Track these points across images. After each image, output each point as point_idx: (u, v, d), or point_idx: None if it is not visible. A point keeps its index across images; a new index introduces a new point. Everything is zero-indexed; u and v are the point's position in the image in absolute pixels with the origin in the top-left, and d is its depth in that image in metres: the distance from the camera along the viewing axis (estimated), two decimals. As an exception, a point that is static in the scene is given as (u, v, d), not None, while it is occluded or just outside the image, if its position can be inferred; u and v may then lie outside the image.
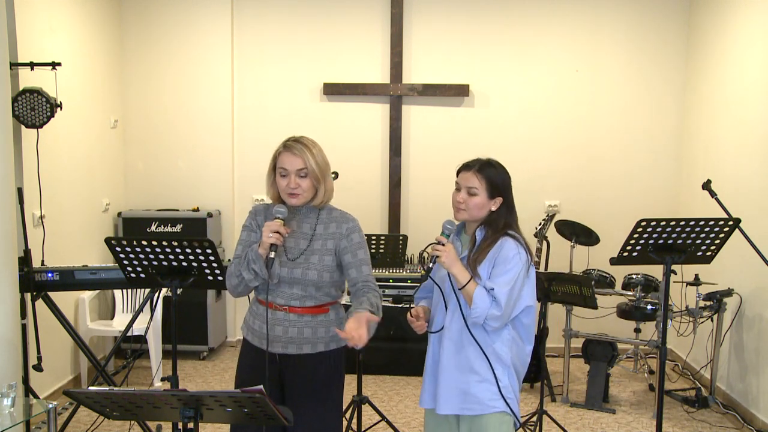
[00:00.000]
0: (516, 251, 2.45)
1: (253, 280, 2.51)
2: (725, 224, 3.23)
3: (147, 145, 5.82)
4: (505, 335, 2.50)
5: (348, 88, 5.79)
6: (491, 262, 2.45)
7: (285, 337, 2.55)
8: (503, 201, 2.51)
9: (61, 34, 4.76)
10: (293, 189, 2.52)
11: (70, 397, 1.94)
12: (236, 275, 2.55)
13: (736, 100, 4.86)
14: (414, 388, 4.98)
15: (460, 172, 2.56)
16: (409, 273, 5.40)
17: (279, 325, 2.55)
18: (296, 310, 2.55)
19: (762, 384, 4.31)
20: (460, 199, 2.51)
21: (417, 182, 5.87)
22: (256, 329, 2.61)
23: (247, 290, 2.60)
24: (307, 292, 2.56)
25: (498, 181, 2.50)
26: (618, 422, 4.43)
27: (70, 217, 4.86)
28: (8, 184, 3.34)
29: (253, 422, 2.02)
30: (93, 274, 3.85)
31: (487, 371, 2.47)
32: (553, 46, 5.76)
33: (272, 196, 2.63)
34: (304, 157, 2.51)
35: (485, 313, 2.39)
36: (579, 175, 5.80)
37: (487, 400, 2.46)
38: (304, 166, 2.51)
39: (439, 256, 2.42)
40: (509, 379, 2.50)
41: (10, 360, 3.33)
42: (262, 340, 2.56)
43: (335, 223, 2.61)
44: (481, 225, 2.52)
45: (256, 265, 2.48)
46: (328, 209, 2.65)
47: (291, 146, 2.55)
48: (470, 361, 2.48)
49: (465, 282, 2.41)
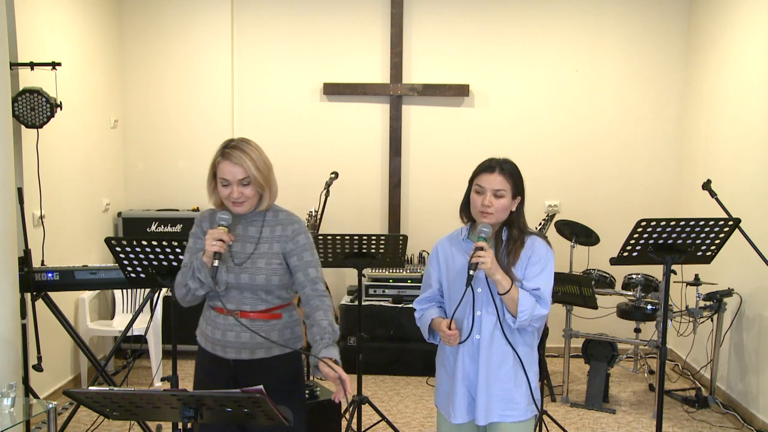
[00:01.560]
0: (547, 248, 2.46)
1: (199, 288, 2.46)
2: (725, 224, 3.23)
3: (147, 145, 5.82)
4: (535, 335, 2.50)
5: (348, 88, 5.79)
6: (524, 262, 2.42)
7: (238, 342, 2.50)
8: (521, 200, 2.50)
9: (61, 34, 4.76)
10: (237, 199, 2.44)
11: (70, 397, 1.94)
12: (183, 285, 2.50)
13: (736, 100, 4.86)
14: (414, 388, 4.98)
15: (481, 174, 2.46)
16: (409, 273, 5.40)
17: (231, 331, 2.49)
18: (248, 314, 2.50)
19: (762, 384, 4.31)
20: (487, 203, 2.41)
21: (417, 182, 5.88)
22: (209, 335, 2.56)
23: (196, 299, 2.54)
24: (257, 296, 2.50)
25: (519, 180, 2.48)
26: (618, 422, 4.43)
27: (70, 217, 4.86)
28: (8, 184, 3.35)
29: (253, 422, 2.02)
30: (93, 274, 3.85)
31: (522, 375, 2.45)
32: (553, 46, 5.76)
33: (215, 203, 2.57)
34: (244, 165, 2.42)
35: (531, 315, 2.36)
36: (579, 175, 5.80)
37: (526, 405, 2.46)
38: (246, 175, 2.42)
39: (484, 263, 2.32)
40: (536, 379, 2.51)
41: (10, 360, 3.33)
42: (215, 346, 2.53)
43: (281, 226, 2.54)
44: (503, 226, 2.49)
45: (200, 274, 2.43)
46: (273, 211, 2.57)
47: (229, 155, 2.43)
48: (507, 367, 2.44)
49: (509, 287, 2.35)
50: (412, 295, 5.31)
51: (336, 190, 4.52)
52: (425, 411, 4.53)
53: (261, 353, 2.53)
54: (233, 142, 2.50)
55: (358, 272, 3.81)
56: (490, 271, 2.34)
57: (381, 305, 5.23)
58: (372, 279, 5.40)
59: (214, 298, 2.54)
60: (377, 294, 5.35)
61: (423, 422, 4.36)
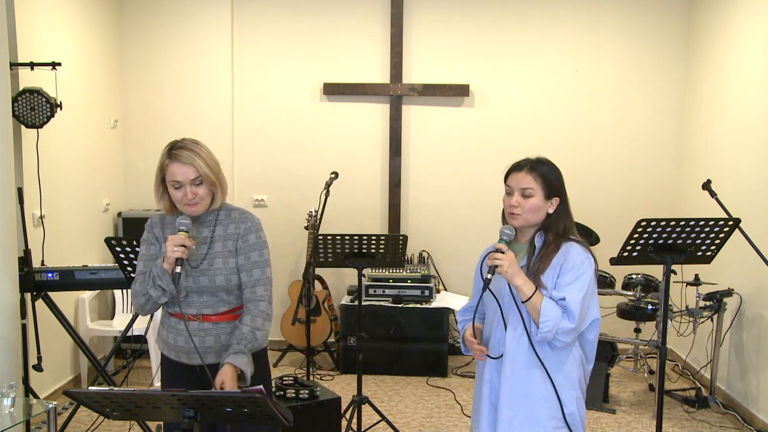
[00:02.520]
0: (584, 256, 2.24)
1: (161, 296, 2.39)
2: (725, 224, 3.23)
3: (147, 145, 5.81)
4: (575, 353, 2.28)
5: (348, 88, 5.79)
6: (556, 270, 2.22)
7: (202, 347, 2.45)
8: (560, 201, 2.30)
9: (61, 34, 4.76)
10: (191, 200, 2.39)
11: (70, 397, 1.94)
12: (142, 294, 2.42)
13: (736, 100, 4.86)
14: (414, 388, 4.98)
15: (510, 174, 2.32)
16: (409, 273, 5.40)
17: (195, 336, 2.44)
18: (210, 318, 2.46)
19: (762, 384, 4.31)
20: (514, 203, 2.26)
21: (417, 182, 5.87)
22: (171, 342, 2.51)
23: (156, 307, 2.47)
24: (218, 297, 2.46)
25: (553, 179, 2.29)
26: (618, 422, 4.43)
27: (70, 217, 4.86)
28: (8, 184, 3.35)
29: (253, 422, 2.02)
30: (93, 274, 3.85)
31: (553, 396, 2.23)
32: (553, 46, 5.75)
33: (165, 208, 2.50)
34: (195, 164, 2.37)
35: (556, 327, 2.15)
36: (579, 174, 5.79)
37: (552, 428, 2.25)
38: (197, 175, 2.37)
39: (500, 266, 2.16)
40: (577, 404, 2.28)
41: (10, 360, 3.33)
42: (179, 353, 2.49)
43: (234, 224, 2.49)
44: (539, 230, 2.29)
45: (162, 281, 2.36)
46: (226, 210, 2.52)
47: (178, 155, 2.38)
48: (533, 385, 2.25)
49: (531, 293, 2.16)
50: (412, 295, 5.31)
51: (336, 190, 4.51)
52: (425, 411, 4.53)
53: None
54: (179, 143, 2.44)
55: (358, 272, 3.81)
56: (507, 274, 2.17)
57: (381, 305, 5.23)
58: (372, 279, 5.40)
59: (173, 305, 2.48)
60: (377, 294, 5.34)
61: (423, 422, 4.36)
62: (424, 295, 5.30)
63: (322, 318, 5.42)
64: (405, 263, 5.04)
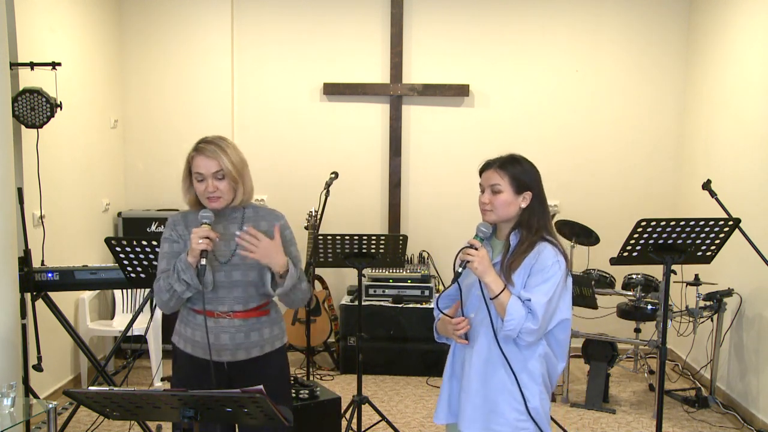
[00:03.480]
0: (555, 259, 2.26)
1: (185, 291, 2.41)
2: (725, 224, 3.23)
3: (147, 145, 5.82)
4: (540, 351, 2.29)
5: (348, 88, 5.79)
6: (527, 270, 2.26)
7: (233, 344, 2.47)
8: (533, 196, 2.33)
9: (61, 34, 4.76)
10: (212, 193, 2.44)
11: (70, 397, 1.94)
12: (166, 290, 2.43)
13: (736, 100, 4.86)
14: (414, 388, 4.98)
15: (482, 172, 2.38)
16: (409, 273, 5.40)
17: (225, 333, 2.46)
18: (240, 314, 2.48)
19: (762, 384, 4.31)
20: (485, 200, 2.33)
21: (417, 182, 5.87)
22: (199, 340, 2.48)
23: (180, 303, 2.50)
24: (248, 293, 2.49)
25: (522, 174, 2.33)
26: (618, 422, 4.43)
27: (70, 217, 4.86)
28: (8, 184, 3.35)
29: (253, 422, 2.02)
30: (93, 274, 3.85)
31: (516, 391, 2.26)
32: (554, 46, 5.76)
33: (189, 202, 2.56)
34: (218, 159, 2.42)
35: (519, 326, 2.19)
36: (579, 174, 5.80)
37: (515, 421, 2.26)
38: (219, 168, 2.43)
39: (471, 262, 2.20)
40: (540, 399, 2.29)
41: (10, 360, 3.33)
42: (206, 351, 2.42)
43: (266, 221, 2.53)
44: (515, 228, 2.33)
45: (186, 275, 2.38)
46: (252, 208, 2.57)
47: (203, 149, 2.45)
48: (497, 378, 2.28)
49: (498, 291, 2.20)
50: (412, 295, 5.31)
51: (336, 190, 4.51)
52: (425, 411, 4.53)
53: (256, 352, 2.53)
54: (208, 138, 2.51)
55: (358, 272, 3.81)
56: (477, 271, 2.21)
57: (381, 305, 5.23)
58: (372, 279, 5.40)
59: (197, 302, 2.48)
60: (377, 294, 5.34)
61: (423, 422, 4.36)
62: (424, 295, 5.31)
63: (322, 318, 5.43)
64: (405, 263, 5.04)
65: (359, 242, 3.68)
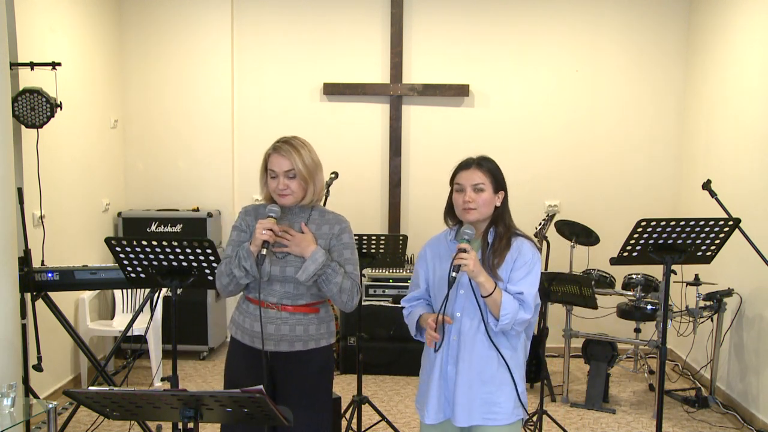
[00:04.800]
0: (533, 251, 2.41)
1: (243, 277, 2.54)
2: (725, 224, 3.23)
3: (147, 145, 5.82)
4: (523, 336, 2.45)
5: (348, 88, 5.79)
6: (510, 265, 2.38)
7: (277, 334, 2.59)
8: (505, 194, 2.46)
9: (61, 34, 4.76)
10: (282, 190, 2.57)
11: (70, 397, 1.94)
12: (227, 274, 2.58)
13: (736, 101, 4.86)
14: (414, 388, 4.96)
15: (459, 172, 2.47)
16: (409, 273, 5.40)
17: (271, 323, 2.59)
18: (288, 308, 2.59)
19: (762, 384, 4.31)
20: (468, 199, 2.40)
21: (417, 182, 5.87)
22: (247, 327, 2.63)
23: (238, 289, 2.63)
24: (298, 290, 2.59)
25: (498, 173, 2.45)
26: (618, 422, 4.43)
27: (70, 217, 4.86)
28: (8, 184, 3.35)
29: (253, 422, 2.02)
30: (93, 274, 3.85)
31: (508, 378, 2.40)
32: (554, 46, 5.76)
33: (265, 197, 2.68)
34: (291, 158, 2.55)
35: (514, 319, 2.31)
36: (579, 175, 5.80)
37: (511, 408, 2.40)
38: (291, 168, 2.55)
39: (466, 265, 2.28)
40: (524, 381, 2.46)
41: (10, 360, 3.33)
42: (254, 338, 2.60)
43: (328, 225, 2.66)
44: (490, 225, 2.44)
45: (247, 263, 2.51)
46: (320, 211, 2.69)
47: (279, 147, 2.58)
48: (491, 370, 2.39)
49: (492, 290, 2.30)
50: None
51: (336, 190, 4.50)
52: (425, 411, 4.53)
53: (299, 346, 2.61)
54: (285, 138, 2.63)
55: (358, 272, 3.81)
56: (472, 273, 2.29)
57: (381, 305, 5.23)
58: (372, 279, 5.40)
59: (253, 291, 2.61)
60: (377, 294, 5.35)
61: (423, 422, 4.35)
62: (424, 295, 5.30)
63: (322, 318, 5.42)
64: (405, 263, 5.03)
65: (359, 242, 3.68)
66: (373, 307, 5.21)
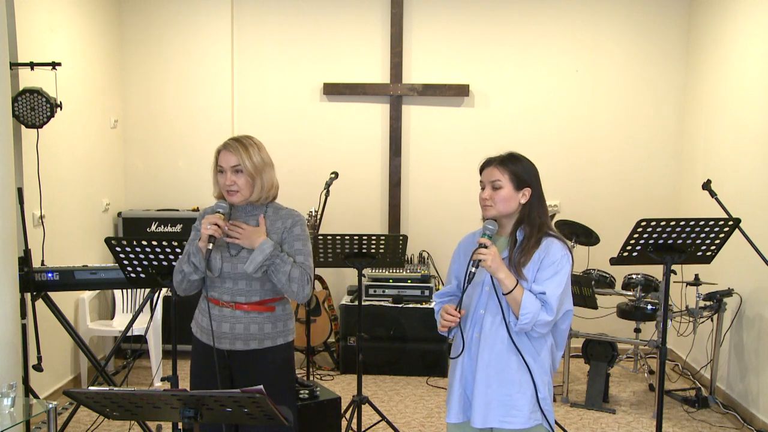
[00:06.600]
0: (564, 252, 2.35)
1: (193, 273, 2.57)
2: (725, 224, 3.23)
3: (147, 145, 5.82)
4: (549, 342, 2.40)
5: (348, 88, 5.79)
6: (537, 264, 2.33)
7: (232, 333, 2.61)
8: (532, 192, 2.40)
9: (61, 34, 4.76)
10: (229, 186, 2.59)
11: (70, 397, 1.94)
12: (179, 271, 2.62)
13: (735, 101, 4.86)
14: (414, 388, 4.98)
15: (482, 170, 2.46)
16: (409, 273, 5.40)
17: (226, 322, 2.61)
18: (242, 306, 2.61)
19: (762, 384, 4.31)
20: (485, 196, 2.39)
21: (417, 182, 5.87)
22: (205, 326, 2.66)
23: (191, 286, 2.64)
24: (251, 287, 2.61)
25: (521, 171, 2.40)
26: (618, 422, 4.43)
27: (70, 217, 4.86)
28: (8, 184, 3.34)
29: (253, 422, 2.02)
30: (93, 274, 3.85)
31: (528, 382, 2.34)
32: (553, 46, 5.76)
33: (217, 195, 2.72)
34: (237, 154, 2.59)
35: (534, 319, 2.26)
36: (579, 174, 5.80)
37: (529, 413, 2.35)
38: (237, 163, 2.58)
39: (485, 260, 2.25)
40: (549, 389, 2.40)
41: (10, 360, 3.33)
42: (210, 337, 2.62)
43: (281, 220, 2.67)
44: (519, 224, 2.40)
45: (195, 258, 2.54)
46: (274, 207, 2.72)
47: (228, 144, 2.64)
48: (511, 372, 2.35)
49: (512, 287, 2.27)
50: (412, 295, 5.31)
51: (336, 190, 4.51)
52: (425, 411, 4.53)
53: (254, 344, 2.62)
54: (237, 136, 2.70)
55: (358, 272, 3.81)
56: (491, 269, 2.27)
57: (381, 305, 5.23)
58: (372, 279, 5.40)
59: (209, 289, 2.63)
60: (377, 294, 5.34)
61: (423, 422, 4.36)
62: (424, 295, 5.30)
63: (322, 318, 5.43)
64: (405, 263, 5.04)
65: (359, 242, 3.68)
66: (373, 307, 5.21)
